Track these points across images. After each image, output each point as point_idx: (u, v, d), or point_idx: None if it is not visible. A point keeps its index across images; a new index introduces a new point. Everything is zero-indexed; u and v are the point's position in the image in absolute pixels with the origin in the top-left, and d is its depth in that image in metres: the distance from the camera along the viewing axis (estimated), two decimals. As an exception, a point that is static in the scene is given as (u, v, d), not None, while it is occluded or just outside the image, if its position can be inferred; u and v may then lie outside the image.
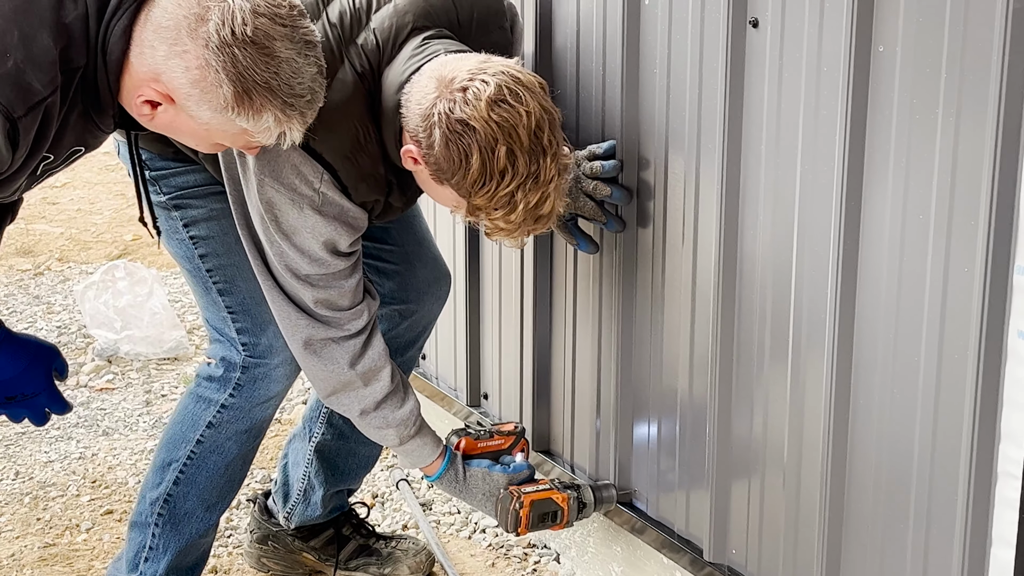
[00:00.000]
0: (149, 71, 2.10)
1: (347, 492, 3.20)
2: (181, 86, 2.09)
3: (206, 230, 2.73)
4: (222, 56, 2.05)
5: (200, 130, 2.17)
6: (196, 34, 2.05)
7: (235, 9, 2.05)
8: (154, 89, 2.11)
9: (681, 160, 2.60)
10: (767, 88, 2.34)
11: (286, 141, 2.19)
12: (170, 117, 2.15)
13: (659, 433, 2.83)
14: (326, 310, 2.59)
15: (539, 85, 2.37)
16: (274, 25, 2.08)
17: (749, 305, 2.49)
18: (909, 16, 2.05)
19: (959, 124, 1.99)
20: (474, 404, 3.54)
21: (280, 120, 2.14)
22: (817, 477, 2.37)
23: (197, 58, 2.06)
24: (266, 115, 2.12)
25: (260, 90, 2.09)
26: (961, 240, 2.02)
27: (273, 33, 2.08)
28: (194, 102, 2.10)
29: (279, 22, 2.09)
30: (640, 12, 2.64)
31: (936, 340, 2.10)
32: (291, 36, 2.10)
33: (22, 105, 2.02)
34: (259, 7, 2.07)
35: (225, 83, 2.07)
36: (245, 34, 2.05)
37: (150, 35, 2.08)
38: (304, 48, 2.12)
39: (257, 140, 2.19)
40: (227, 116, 2.11)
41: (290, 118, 2.15)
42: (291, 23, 2.11)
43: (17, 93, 2.01)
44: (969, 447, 2.06)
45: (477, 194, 2.34)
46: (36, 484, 3.76)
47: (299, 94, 2.13)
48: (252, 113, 2.11)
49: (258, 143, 2.20)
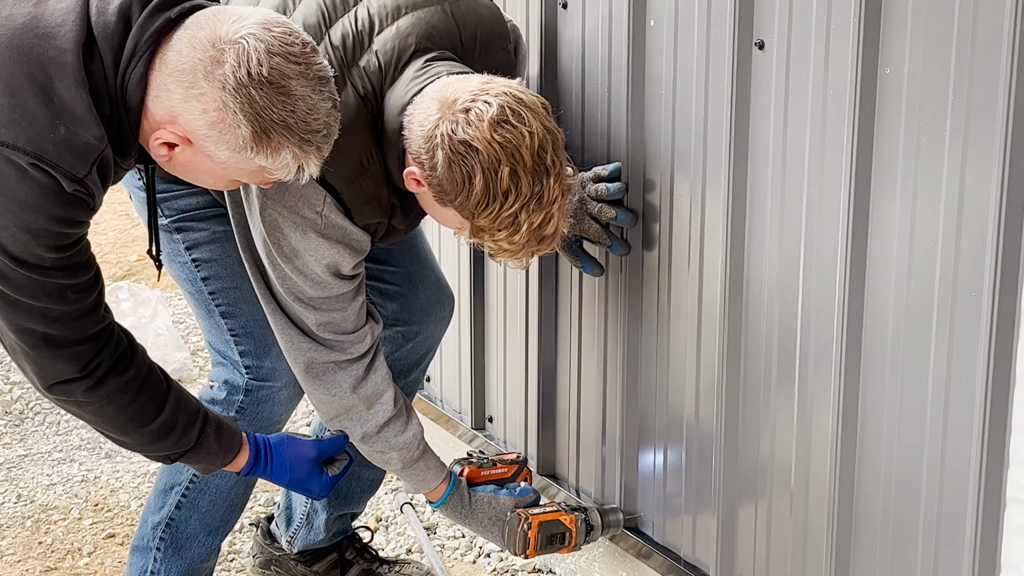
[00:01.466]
0: (166, 114, 2.12)
1: (351, 516, 3.18)
2: (199, 128, 2.10)
3: (208, 253, 2.72)
4: (239, 97, 2.07)
5: (218, 169, 2.18)
6: (212, 76, 2.07)
7: (250, 50, 2.06)
8: (171, 131, 2.13)
9: (687, 182, 2.59)
10: (773, 110, 2.33)
11: (304, 176, 2.20)
12: (188, 157, 2.17)
13: (665, 457, 2.81)
14: (329, 333, 2.58)
15: (542, 105, 2.36)
16: (288, 64, 2.09)
17: (756, 329, 2.47)
18: (916, 38, 2.04)
19: (966, 147, 1.98)
20: (479, 427, 3.53)
21: (298, 156, 2.15)
22: (824, 502, 2.35)
23: (214, 100, 2.07)
24: (284, 152, 2.13)
25: (278, 128, 2.10)
26: (969, 264, 2.01)
27: (288, 72, 2.09)
28: (212, 143, 2.12)
29: (293, 60, 2.10)
30: (646, 33, 2.63)
31: (944, 364, 2.08)
32: (305, 73, 2.11)
33: (84, 164, 2.07)
34: (273, 46, 2.08)
35: (243, 123, 2.08)
36: (261, 74, 2.07)
37: (166, 79, 2.10)
38: (318, 84, 2.14)
39: (275, 176, 2.20)
40: (245, 155, 2.13)
41: (307, 153, 2.16)
42: (305, 60, 2.12)
43: (76, 155, 2.06)
44: (977, 473, 2.04)
45: (480, 215, 2.33)
46: (38, 507, 3.74)
47: (315, 129, 2.14)
48: (270, 151, 2.13)
49: (276, 178, 2.22)
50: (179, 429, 2.41)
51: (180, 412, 2.40)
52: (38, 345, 2.22)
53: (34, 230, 2.09)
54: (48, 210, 2.08)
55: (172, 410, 2.39)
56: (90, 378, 2.27)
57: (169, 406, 2.38)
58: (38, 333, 2.20)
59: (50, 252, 2.12)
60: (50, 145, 2.04)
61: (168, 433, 2.40)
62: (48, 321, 2.19)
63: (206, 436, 2.45)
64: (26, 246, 2.10)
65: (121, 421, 2.35)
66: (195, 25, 2.10)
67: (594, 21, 2.77)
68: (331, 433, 2.68)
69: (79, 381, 2.26)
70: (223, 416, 2.53)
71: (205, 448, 2.46)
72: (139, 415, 2.35)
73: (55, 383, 2.27)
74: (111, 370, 2.29)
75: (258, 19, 2.10)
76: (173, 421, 2.39)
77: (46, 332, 2.20)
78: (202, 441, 2.45)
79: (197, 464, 2.50)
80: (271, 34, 2.09)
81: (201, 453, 2.47)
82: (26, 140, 2.03)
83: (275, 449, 2.60)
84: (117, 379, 2.30)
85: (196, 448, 2.45)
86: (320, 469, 2.66)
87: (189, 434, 2.42)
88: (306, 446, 2.64)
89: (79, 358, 2.25)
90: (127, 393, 2.32)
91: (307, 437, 2.66)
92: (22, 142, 2.03)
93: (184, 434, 2.42)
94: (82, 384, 2.27)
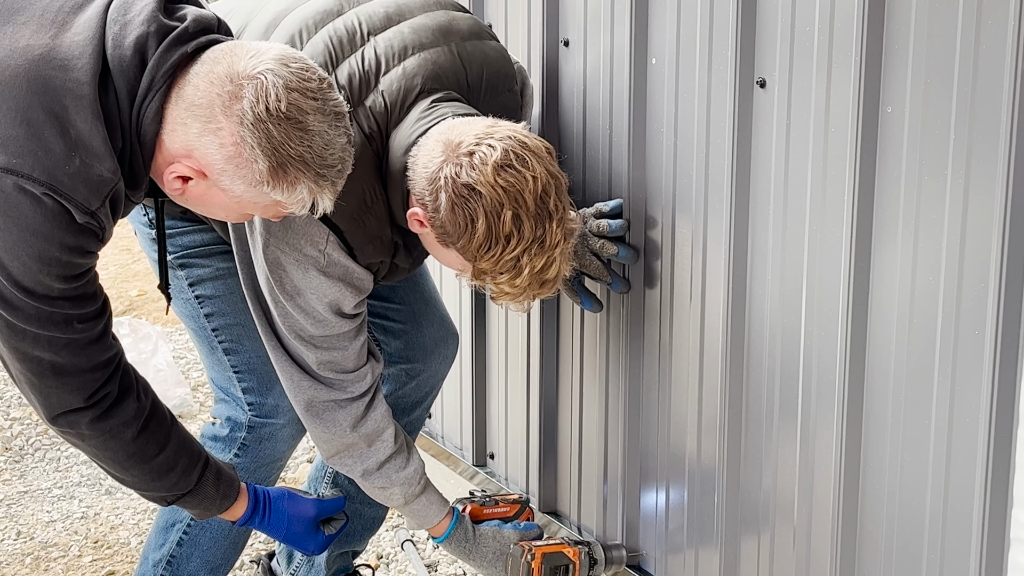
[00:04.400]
0: (182, 148, 2.12)
1: (352, 554, 3.17)
2: (215, 162, 2.11)
3: (212, 289, 2.72)
4: (257, 132, 2.08)
5: (231, 203, 2.19)
6: (230, 111, 2.07)
7: (268, 86, 2.07)
8: (187, 165, 2.13)
9: (688, 220, 2.59)
10: (775, 148, 2.34)
11: (318, 210, 2.20)
12: (201, 191, 2.17)
13: (667, 493, 2.80)
14: (329, 372, 2.58)
15: (546, 150, 2.37)
16: (306, 99, 2.10)
17: (758, 365, 2.47)
18: (917, 76, 2.04)
19: (968, 185, 1.98)
20: (480, 464, 3.52)
21: (313, 190, 2.16)
22: (827, 540, 2.34)
23: (232, 135, 2.08)
24: (300, 187, 2.14)
25: (295, 163, 2.11)
26: (971, 302, 2.01)
27: (305, 107, 2.10)
28: (228, 177, 2.13)
29: (310, 95, 2.11)
30: (647, 71, 2.64)
31: (947, 403, 2.08)
32: (322, 109, 2.13)
33: (97, 197, 2.09)
34: (291, 82, 2.09)
35: (260, 158, 2.09)
36: (279, 110, 2.08)
37: (182, 113, 2.11)
38: (334, 120, 2.15)
39: (289, 210, 2.21)
40: (261, 190, 2.14)
41: (322, 188, 2.17)
42: (322, 96, 2.13)
43: (90, 188, 2.07)
44: (981, 512, 2.03)
45: (483, 258, 2.34)
46: (38, 544, 3.73)
47: (331, 164, 2.15)
48: (287, 186, 2.14)
49: (289, 212, 2.22)
50: (179, 469, 2.40)
51: (182, 453, 2.40)
52: (45, 374, 2.21)
53: (45, 259, 2.09)
54: (60, 239, 2.08)
55: (175, 450, 2.39)
56: (96, 408, 2.27)
57: (172, 445, 2.38)
58: (45, 361, 2.20)
59: (59, 282, 2.12)
60: (65, 177, 2.05)
61: (168, 472, 2.39)
62: (56, 349, 2.19)
63: (205, 480, 2.45)
64: (36, 275, 2.10)
65: (123, 456, 2.35)
66: (212, 60, 2.11)
67: (595, 59, 2.78)
68: (332, 493, 2.70)
69: (85, 411, 2.26)
70: (224, 464, 2.53)
71: (203, 493, 2.46)
72: (141, 451, 2.35)
73: (60, 413, 2.26)
74: (116, 402, 2.29)
75: (275, 55, 2.11)
76: (174, 461, 2.39)
77: (54, 360, 2.20)
78: (201, 485, 2.45)
79: (194, 508, 2.50)
80: (289, 70, 2.10)
81: (199, 497, 2.47)
82: (42, 171, 2.04)
83: (275, 503, 2.61)
84: (122, 412, 2.30)
85: (194, 492, 2.45)
86: (317, 528, 2.67)
87: (189, 476, 2.42)
88: (306, 504, 2.65)
89: (86, 387, 2.25)
90: (131, 428, 2.32)
91: (307, 495, 2.67)
92: (38, 172, 2.03)
93: (184, 475, 2.42)
94: (87, 415, 2.27)
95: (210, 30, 2.18)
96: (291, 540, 2.66)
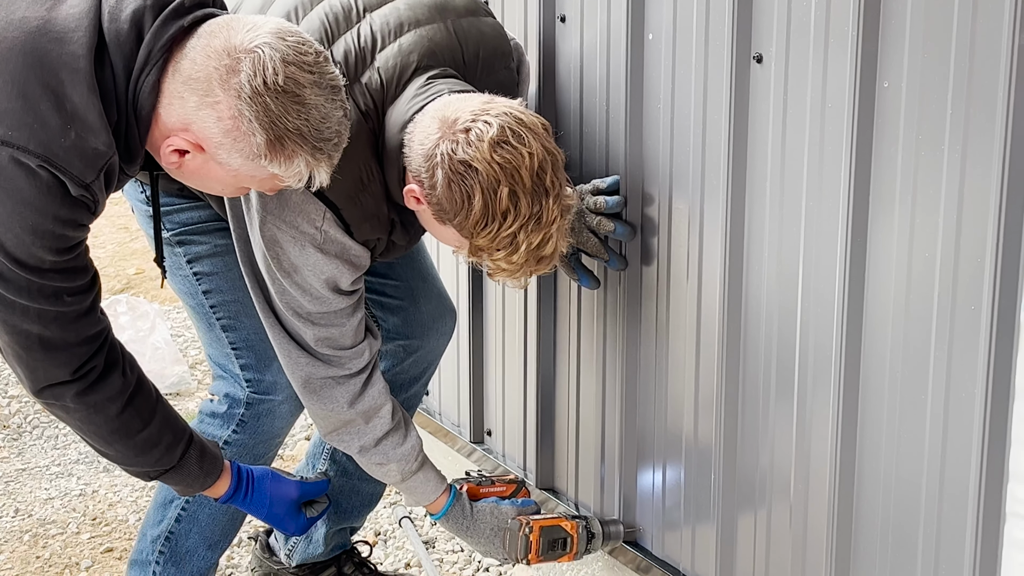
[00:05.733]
0: (179, 121, 2.12)
1: (350, 530, 3.18)
2: (213, 135, 2.11)
3: (210, 266, 2.72)
4: (255, 106, 2.08)
5: (228, 176, 2.19)
6: (228, 85, 2.07)
7: (265, 59, 2.07)
8: (184, 138, 2.13)
9: (685, 196, 2.59)
10: (771, 124, 2.33)
11: (315, 183, 2.20)
12: (198, 164, 2.17)
13: (664, 470, 2.81)
14: (327, 349, 2.58)
15: (542, 126, 2.36)
16: (303, 72, 2.10)
17: (755, 341, 2.47)
18: (914, 51, 2.04)
19: (965, 160, 1.98)
20: (477, 441, 3.52)
21: (310, 164, 2.16)
22: (824, 515, 2.35)
23: (229, 108, 2.08)
24: (297, 160, 2.14)
25: (292, 137, 2.11)
26: (968, 277, 2.01)
27: (302, 80, 2.10)
28: (225, 151, 2.13)
29: (307, 69, 2.11)
30: (644, 47, 2.63)
31: (943, 378, 2.08)
32: (319, 82, 2.13)
33: (92, 170, 2.09)
34: (288, 55, 2.09)
35: (258, 131, 2.09)
36: (276, 83, 2.08)
37: (180, 87, 2.10)
38: (331, 93, 2.15)
39: (286, 183, 2.21)
40: (259, 163, 2.14)
41: (319, 161, 2.17)
42: (318, 69, 2.13)
43: (85, 161, 2.07)
44: (977, 486, 2.04)
45: (479, 235, 2.33)
46: (36, 521, 3.73)
47: (327, 138, 2.15)
48: (284, 159, 2.14)
49: (286, 186, 2.22)
50: (163, 446, 2.41)
51: (166, 429, 2.41)
52: (32, 347, 2.22)
53: (39, 231, 2.09)
54: (54, 212, 2.09)
55: (159, 426, 2.39)
56: (81, 382, 2.27)
57: (156, 421, 2.39)
58: (33, 335, 2.20)
59: (51, 254, 2.12)
60: (60, 150, 2.05)
61: (152, 448, 2.40)
62: (44, 322, 2.19)
63: (188, 457, 2.46)
64: (28, 247, 2.10)
65: (107, 431, 2.36)
66: (208, 33, 2.11)
67: (592, 35, 2.77)
68: (315, 476, 2.70)
69: (70, 384, 2.27)
70: (208, 441, 2.54)
71: (186, 469, 2.47)
72: (125, 426, 2.36)
73: (46, 386, 2.27)
74: (102, 376, 2.29)
75: (272, 28, 2.11)
76: (158, 437, 2.40)
77: (42, 333, 2.20)
78: (184, 462, 2.46)
79: (176, 485, 2.51)
80: (285, 43, 2.10)
81: (182, 474, 2.47)
82: (37, 143, 2.04)
83: (257, 482, 2.61)
84: (107, 387, 2.30)
85: (177, 468, 2.46)
86: (299, 509, 2.67)
87: (172, 452, 2.43)
88: (289, 486, 2.66)
89: (72, 361, 2.25)
90: (115, 403, 2.32)
91: (291, 476, 2.67)
92: (33, 145, 2.03)
93: (168, 452, 2.42)
94: (72, 388, 2.27)
95: (206, 3, 2.18)
96: (272, 520, 2.67)
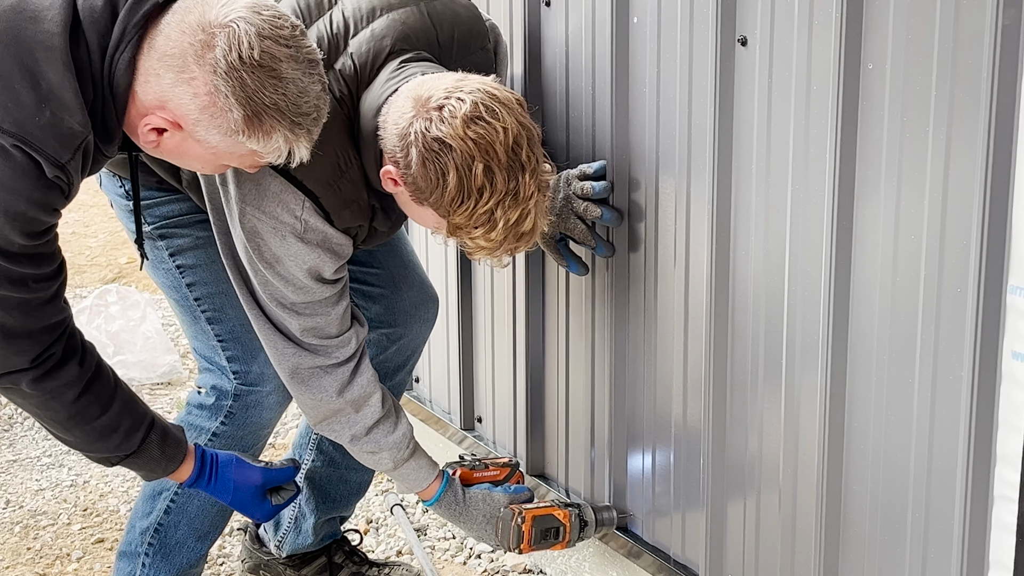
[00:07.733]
0: (155, 99, 2.10)
1: (339, 519, 3.17)
2: (189, 112, 2.09)
3: (193, 259, 2.71)
4: (231, 81, 2.06)
5: (207, 154, 2.17)
6: (203, 60, 2.05)
7: (240, 34, 2.05)
8: (161, 116, 2.11)
9: (672, 180, 2.57)
10: (757, 107, 2.32)
11: (295, 159, 2.18)
12: (176, 142, 2.16)
13: (654, 456, 2.80)
14: (313, 338, 2.56)
15: (516, 101, 2.34)
16: (279, 46, 2.08)
17: (742, 326, 2.46)
18: (898, 33, 2.02)
19: (950, 141, 1.97)
20: (468, 427, 3.52)
21: (288, 139, 2.15)
22: (812, 500, 2.34)
23: (205, 84, 2.06)
24: (276, 136, 2.13)
25: (269, 112, 2.09)
26: (953, 260, 2.00)
27: (279, 54, 2.08)
28: (203, 127, 2.11)
29: (283, 43, 2.09)
30: (629, 31, 2.62)
31: (930, 361, 2.07)
32: (295, 56, 2.11)
33: (68, 150, 2.06)
34: (263, 29, 2.07)
35: (235, 107, 2.07)
36: (252, 58, 2.06)
37: (155, 64, 2.08)
38: (308, 67, 2.13)
39: (265, 160, 2.19)
40: (237, 139, 2.12)
41: (298, 136, 2.15)
42: (295, 43, 2.11)
43: (60, 140, 2.05)
44: (965, 470, 2.03)
45: (456, 213, 2.31)
46: (27, 512, 3.73)
47: (306, 112, 2.13)
48: (262, 135, 2.12)
49: (266, 162, 2.21)
50: (122, 431, 2.39)
51: (125, 415, 2.39)
52: None
53: (11, 213, 2.07)
54: (28, 194, 2.06)
55: (117, 412, 2.37)
56: (38, 370, 2.25)
57: (115, 408, 2.37)
58: None
59: (21, 238, 2.10)
60: (36, 129, 2.03)
61: (111, 434, 2.38)
62: (7, 308, 2.16)
63: (149, 442, 2.44)
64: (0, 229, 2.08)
65: (64, 416, 2.34)
66: (183, 9, 2.09)
67: (577, 19, 2.76)
68: (281, 463, 2.68)
69: (26, 372, 2.24)
70: (172, 425, 2.52)
71: (147, 455, 2.45)
72: (82, 413, 2.34)
73: (3, 373, 2.24)
74: (59, 364, 2.27)
75: (247, 2, 2.09)
76: (117, 423, 2.38)
77: (4, 321, 2.17)
78: (145, 447, 2.44)
79: (139, 470, 2.49)
80: (261, 17, 2.08)
81: (143, 459, 2.46)
82: (12, 122, 2.02)
83: (222, 468, 2.59)
84: (64, 374, 2.28)
85: (138, 453, 2.44)
86: (264, 496, 2.65)
87: (132, 439, 2.41)
88: (253, 472, 2.63)
89: (32, 349, 2.23)
90: (72, 389, 2.30)
91: (257, 463, 2.65)
92: (7, 124, 2.01)
93: (127, 437, 2.40)
94: (28, 375, 2.25)
95: None
96: (237, 505, 2.64)
